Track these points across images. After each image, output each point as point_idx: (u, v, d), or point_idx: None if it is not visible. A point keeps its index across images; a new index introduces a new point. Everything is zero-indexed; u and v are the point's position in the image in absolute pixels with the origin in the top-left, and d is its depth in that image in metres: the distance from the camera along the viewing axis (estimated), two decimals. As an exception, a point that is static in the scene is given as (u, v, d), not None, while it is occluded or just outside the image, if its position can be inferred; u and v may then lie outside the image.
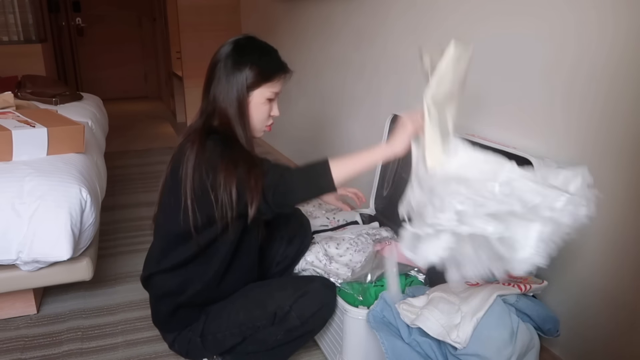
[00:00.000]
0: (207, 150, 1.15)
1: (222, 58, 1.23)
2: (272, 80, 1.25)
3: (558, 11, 1.25)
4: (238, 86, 1.21)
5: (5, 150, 1.64)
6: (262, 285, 1.37)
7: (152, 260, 1.34)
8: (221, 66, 1.22)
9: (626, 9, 1.08)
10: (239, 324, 1.29)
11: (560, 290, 1.33)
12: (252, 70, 1.21)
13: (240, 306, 1.31)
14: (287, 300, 1.27)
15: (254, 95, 1.24)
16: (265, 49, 1.28)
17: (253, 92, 1.23)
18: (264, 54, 1.27)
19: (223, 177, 1.12)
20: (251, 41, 1.27)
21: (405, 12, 1.92)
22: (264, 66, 1.24)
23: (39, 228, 1.48)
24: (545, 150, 1.33)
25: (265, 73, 1.23)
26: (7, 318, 1.70)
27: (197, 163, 1.14)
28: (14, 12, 3.92)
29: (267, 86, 1.25)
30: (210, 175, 1.13)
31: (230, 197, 1.12)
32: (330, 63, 2.64)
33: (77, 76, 5.85)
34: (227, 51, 1.23)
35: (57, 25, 5.38)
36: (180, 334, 1.34)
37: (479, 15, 1.53)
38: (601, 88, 1.16)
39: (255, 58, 1.23)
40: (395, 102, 2.06)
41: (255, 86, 1.23)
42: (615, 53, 1.12)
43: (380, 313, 1.25)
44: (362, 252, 1.52)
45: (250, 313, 1.29)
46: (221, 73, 1.22)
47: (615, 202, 1.16)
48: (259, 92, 1.24)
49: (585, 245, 1.25)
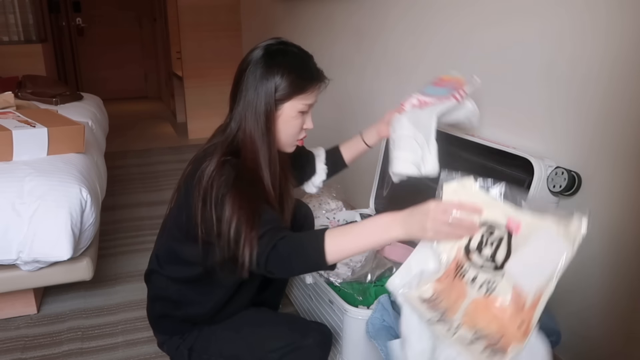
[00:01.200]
0: (222, 176, 1.04)
1: (251, 64, 1.10)
2: (306, 91, 1.12)
3: (555, 13, 1.25)
4: (267, 99, 1.08)
5: (5, 150, 1.64)
6: (255, 322, 1.26)
7: (158, 259, 1.28)
8: (249, 74, 1.09)
9: (619, 10, 1.09)
10: (227, 356, 1.23)
11: (560, 290, 1.33)
12: (283, 81, 1.08)
13: (229, 339, 1.23)
14: (276, 354, 1.16)
15: (285, 108, 1.11)
16: (299, 55, 1.15)
17: (283, 104, 1.11)
18: (297, 61, 1.13)
19: (229, 209, 1.01)
20: (284, 46, 1.13)
21: (405, 13, 1.92)
22: (297, 75, 1.10)
23: (39, 228, 1.48)
24: (545, 149, 1.33)
25: (298, 83, 1.10)
26: (7, 318, 1.70)
27: (210, 186, 1.04)
28: (15, 12, 3.93)
29: (299, 98, 1.11)
30: (218, 204, 1.03)
31: (228, 233, 1.00)
32: (330, 63, 2.65)
33: (77, 76, 5.85)
34: (258, 57, 1.10)
35: (57, 25, 5.37)
36: (171, 338, 1.29)
37: (478, 16, 1.53)
38: (599, 88, 1.17)
39: (288, 66, 1.09)
40: (396, 102, 2.05)
41: (286, 98, 1.10)
42: (611, 54, 1.12)
43: (380, 319, 1.24)
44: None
45: (238, 351, 1.21)
46: (249, 82, 1.09)
47: (613, 202, 1.16)
48: (290, 104, 1.11)
49: (585, 245, 1.25)
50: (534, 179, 1.23)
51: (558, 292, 1.33)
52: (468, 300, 0.88)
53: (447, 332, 0.87)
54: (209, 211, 1.04)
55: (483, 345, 0.83)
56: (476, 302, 0.88)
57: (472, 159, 1.52)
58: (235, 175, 1.04)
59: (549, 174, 1.24)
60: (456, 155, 1.59)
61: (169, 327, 1.30)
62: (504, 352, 0.81)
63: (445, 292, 0.91)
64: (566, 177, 1.21)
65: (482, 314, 0.86)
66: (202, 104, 4.16)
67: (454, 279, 0.91)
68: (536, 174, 1.23)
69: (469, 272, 0.90)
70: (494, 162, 1.44)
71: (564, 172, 1.22)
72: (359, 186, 2.35)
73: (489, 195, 0.94)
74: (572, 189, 1.22)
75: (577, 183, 1.22)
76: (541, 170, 1.23)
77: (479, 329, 0.85)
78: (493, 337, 0.84)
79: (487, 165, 1.46)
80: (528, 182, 1.27)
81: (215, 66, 4.14)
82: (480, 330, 0.85)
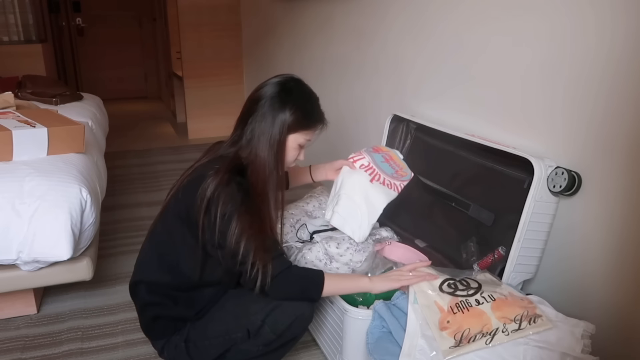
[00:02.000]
0: (230, 191, 1.16)
1: (267, 95, 1.22)
2: (310, 128, 1.26)
3: (557, 11, 1.25)
4: (281, 127, 1.21)
5: (5, 150, 1.64)
6: (238, 295, 1.32)
7: (145, 268, 1.32)
8: (265, 103, 1.22)
9: (619, 10, 1.09)
10: (218, 335, 1.27)
11: (561, 290, 1.33)
12: (295, 114, 1.22)
13: (218, 318, 1.29)
14: (259, 315, 1.23)
15: (289, 140, 1.25)
16: (311, 96, 1.29)
17: (289, 135, 1.24)
18: (309, 100, 1.27)
19: (238, 227, 1.15)
20: (299, 85, 1.27)
21: (404, 12, 1.92)
22: (307, 112, 1.25)
23: (39, 228, 1.48)
24: (545, 149, 1.33)
25: (306, 119, 1.24)
26: (7, 318, 1.70)
27: (216, 197, 1.15)
28: (14, 12, 3.93)
29: (304, 133, 1.26)
30: (225, 219, 1.15)
31: (236, 248, 1.15)
32: (330, 63, 2.65)
33: (77, 76, 5.85)
34: (274, 90, 1.23)
35: (57, 25, 5.37)
36: (169, 340, 1.31)
37: (478, 15, 1.53)
38: (600, 88, 1.16)
39: (301, 102, 1.24)
40: (395, 101, 2.06)
41: (293, 130, 1.23)
42: (612, 53, 1.12)
43: (379, 326, 1.24)
44: (362, 251, 1.52)
45: (227, 326, 1.27)
46: (266, 110, 1.21)
47: (613, 202, 1.16)
48: (294, 137, 1.25)
49: (585, 245, 1.25)
50: (534, 179, 1.23)
51: (558, 292, 1.34)
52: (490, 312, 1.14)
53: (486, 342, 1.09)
54: (212, 222, 1.15)
55: (527, 320, 1.10)
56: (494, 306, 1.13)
57: (472, 159, 1.52)
58: (243, 195, 1.18)
59: (549, 174, 1.24)
60: (456, 155, 1.59)
61: (163, 328, 1.32)
62: (535, 312, 1.12)
63: (465, 323, 1.12)
64: (566, 177, 1.21)
65: (507, 308, 1.13)
66: (202, 104, 4.16)
67: (463, 313, 1.13)
68: (536, 174, 1.23)
69: (471, 300, 1.15)
70: (494, 162, 1.44)
71: (564, 172, 1.22)
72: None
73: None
74: (572, 189, 1.22)
75: (577, 183, 1.22)
76: (541, 170, 1.23)
77: (515, 316, 1.11)
78: (524, 312, 1.12)
79: (487, 165, 1.46)
80: (528, 182, 1.27)
81: (215, 66, 4.14)
82: (517, 315, 1.12)
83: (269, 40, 3.60)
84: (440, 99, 1.76)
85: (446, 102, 1.73)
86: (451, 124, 1.68)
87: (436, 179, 1.65)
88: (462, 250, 1.44)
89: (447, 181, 1.60)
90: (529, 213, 1.25)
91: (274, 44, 3.52)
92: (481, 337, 1.08)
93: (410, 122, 1.81)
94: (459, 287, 1.19)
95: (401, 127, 1.85)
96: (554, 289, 1.34)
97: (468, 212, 1.48)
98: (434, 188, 1.65)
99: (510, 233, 1.28)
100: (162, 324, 1.31)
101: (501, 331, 1.09)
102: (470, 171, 1.53)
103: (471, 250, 1.41)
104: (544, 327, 1.09)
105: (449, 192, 1.58)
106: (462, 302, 1.14)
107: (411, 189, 1.62)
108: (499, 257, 1.33)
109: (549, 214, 1.29)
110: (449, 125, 1.65)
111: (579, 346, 1.08)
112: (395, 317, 1.21)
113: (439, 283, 1.21)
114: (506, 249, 1.30)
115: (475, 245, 1.41)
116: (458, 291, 1.18)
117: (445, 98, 1.74)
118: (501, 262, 1.31)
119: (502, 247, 1.32)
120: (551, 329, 1.09)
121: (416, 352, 1.09)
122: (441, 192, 1.61)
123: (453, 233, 1.53)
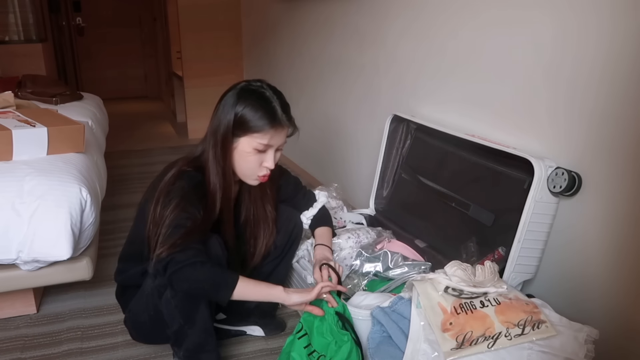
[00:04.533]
0: (180, 184, 1.23)
1: (225, 97, 1.25)
2: (260, 131, 1.22)
3: (557, 12, 1.25)
4: (227, 127, 1.22)
5: (5, 149, 1.64)
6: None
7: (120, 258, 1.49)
8: (221, 104, 1.25)
9: (620, 11, 1.09)
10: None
11: (560, 291, 1.33)
12: (242, 116, 1.21)
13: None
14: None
15: (240, 142, 1.24)
16: (268, 99, 1.24)
17: (240, 138, 1.24)
18: (264, 102, 1.23)
19: (171, 208, 1.19)
20: (259, 88, 1.26)
21: (404, 12, 1.92)
22: (253, 116, 1.21)
23: (39, 227, 1.48)
24: (545, 150, 1.33)
25: (255, 122, 1.21)
26: (7, 318, 1.70)
27: (165, 187, 1.24)
28: (15, 11, 3.93)
29: (255, 136, 1.23)
30: (166, 205, 1.20)
31: (161, 225, 1.19)
32: (330, 63, 2.65)
33: (77, 76, 5.84)
34: (231, 92, 1.24)
35: (57, 25, 5.37)
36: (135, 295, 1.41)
37: (479, 16, 1.53)
38: (600, 89, 1.17)
39: (254, 104, 1.22)
40: (395, 101, 2.06)
41: (242, 133, 1.23)
42: (612, 54, 1.12)
43: (379, 331, 1.24)
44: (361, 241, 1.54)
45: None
46: (219, 111, 1.24)
47: (613, 202, 1.16)
48: (245, 140, 1.23)
49: (585, 245, 1.25)
50: (534, 180, 1.24)
51: (558, 292, 1.34)
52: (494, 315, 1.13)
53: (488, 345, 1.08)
54: (160, 211, 1.21)
55: (530, 326, 1.08)
56: (498, 310, 1.12)
57: (472, 159, 1.52)
58: (190, 186, 1.22)
59: (549, 174, 1.24)
60: (456, 156, 1.59)
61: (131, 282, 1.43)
62: (539, 318, 1.10)
63: (468, 325, 1.11)
64: (566, 177, 1.21)
65: (511, 312, 1.11)
66: (202, 103, 4.14)
67: (467, 314, 1.12)
68: (536, 174, 1.23)
69: (475, 302, 1.14)
70: (494, 163, 1.44)
71: (564, 172, 1.22)
72: (359, 186, 2.35)
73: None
74: (573, 190, 1.22)
75: (577, 183, 1.22)
76: (541, 170, 1.23)
77: (519, 320, 1.10)
78: (527, 317, 1.10)
79: (487, 166, 1.46)
80: (528, 182, 1.27)
81: (215, 66, 4.14)
82: (520, 320, 1.10)
83: (269, 40, 3.60)
84: (441, 99, 1.76)
85: (446, 102, 1.73)
86: (451, 124, 1.68)
87: (436, 179, 1.65)
88: (462, 250, 1.45)
89: (447, 181, 1.60)
90: (529, 213, 1.25)
91: (274, 44, 3.53)
92: (483, 340, 1.08)
93: (410, 122, 1.81)
94: (464, 291, 1.18)
95: (401, 127, 1.85)
96: (553, 289, 1.34)
97: (468, 213, 1.48)
98: (434, 188, 1.65)
99: (510, 233, 1.28)
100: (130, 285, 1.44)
101: (504, 335, 1.08)
102: (471, 171, 1.53)
103: (471, 250, 1.42)
104: (547, 334, 1.08)
105: (449, 192, 1.58)
106: (466, 303, 1.14)
107: (411, 189, 1.62)
108: (498, 257, 1.33)
109: (549, 215, 1.29)
110: (449, 126, 1.65)
111: (582, 351, 1.07)
112: (394, 322, 1.21)
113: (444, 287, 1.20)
114: (506, 249, 1.30)
115: (475, 246, 1.41)
116: (464, 294, 1.17)
117: (445, 98, 1.74)
118: (501, 263, 1.31)
119: (502, 248, 1.32)
120: (555, 336, 1.08)
121: (419, 355, 1.09)
122: (441, 192, 1.61)
123: (453, 233, 1.53)
